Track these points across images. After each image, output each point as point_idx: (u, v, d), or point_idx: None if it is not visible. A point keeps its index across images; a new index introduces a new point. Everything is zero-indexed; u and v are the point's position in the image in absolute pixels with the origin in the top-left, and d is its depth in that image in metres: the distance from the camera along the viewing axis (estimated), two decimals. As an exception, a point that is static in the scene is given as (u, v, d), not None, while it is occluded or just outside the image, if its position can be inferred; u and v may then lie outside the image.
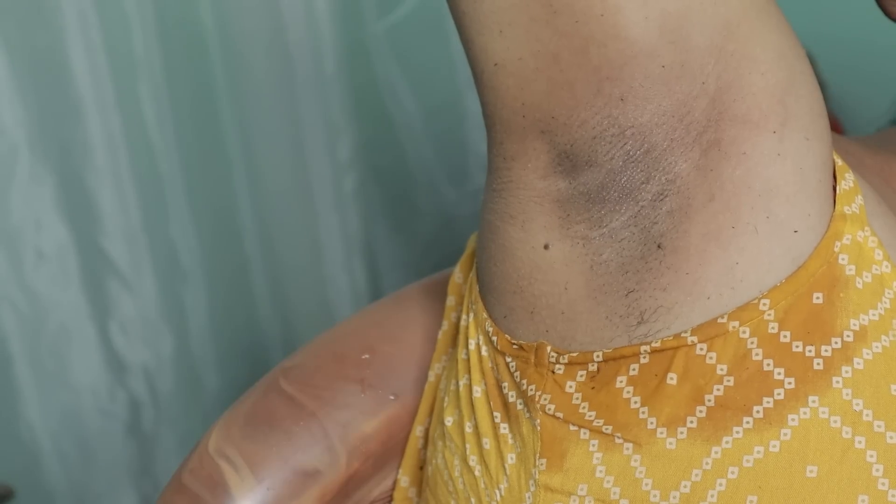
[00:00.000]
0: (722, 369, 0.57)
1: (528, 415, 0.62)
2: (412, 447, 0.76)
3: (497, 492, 0.63)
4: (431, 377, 0.75)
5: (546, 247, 0.60)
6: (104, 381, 1.33)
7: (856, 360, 0.57)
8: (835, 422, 0.56)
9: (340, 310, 1.41)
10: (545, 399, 0.61)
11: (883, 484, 0.56)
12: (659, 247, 0.57)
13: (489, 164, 0.63)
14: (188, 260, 1.34)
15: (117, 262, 1.30)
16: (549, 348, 0.61)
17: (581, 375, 0.60)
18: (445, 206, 1.43)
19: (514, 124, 0.59)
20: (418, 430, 0.75)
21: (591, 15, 0.55)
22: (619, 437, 0.58)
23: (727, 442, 0.56)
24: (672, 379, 0.57)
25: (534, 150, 0.59)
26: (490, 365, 0.65)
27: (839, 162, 0.60)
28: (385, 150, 1.40)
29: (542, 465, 0.60)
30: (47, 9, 1.21)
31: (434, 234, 1.44)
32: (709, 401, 0.57)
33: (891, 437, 0.56)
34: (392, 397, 0.75)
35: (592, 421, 0.59)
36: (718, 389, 0.57)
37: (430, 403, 0.75)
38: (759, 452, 0.56)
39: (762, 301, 0.57)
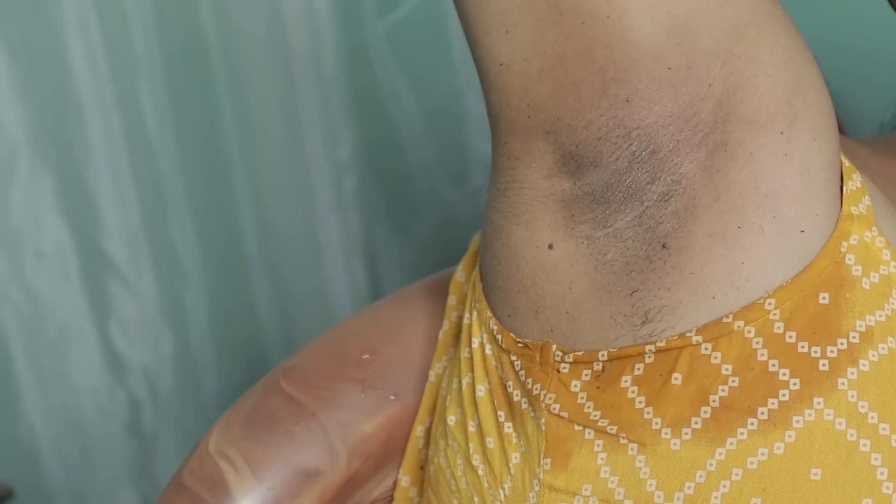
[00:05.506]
0: (727, 369, 0.57)
1: (532, 414, 0.62)
2: (413, 447, 0.75)
3: (501, 491, 0.63)
4: (432, 377, 0.75)
5: (550, 246, 0.60)
6: (104, 381, 1.33)
7: (861, 361, 0.56)
8: (840, 424, 0.56)
9: (340, 310, 1.41)
10: (550, 398, 0.61)
11: (888, 487, 0.56)
12: (664, 247, 0.58)
13: (493, 164, 0.63)
14: (188, 260, 1.34)
15: (117, 262, 1.30)
16: (554, 347, 0.61)
17: (586, 375, 0.60)
18: (445, 207, 1.43)
19: (518, 124, 0.59)
20: (419, 430, 0.75)
21: (598, 17, 0.55)
22: (623, 438, 0.58)
23: (731, 443, 0.56)
24: (677, 379, 0.58)
25: (538, 151, 0.59)
26: (494, 363, 0.65)
27: (846, 163, 0.60)
28: (385, 150, 1.40)
29: (546, 464, 0.60)
30: (47, 9, 1.21)
31: (434, 234, 1.44)
32: (713, 401, 0.57)
33: None
34: (392, 397, 0.75)
35: (597, 421, 0.59)
36: (723, 390, 0.57)
37: (431, 403, 0.75)
38: (763, 454, 0.56)
39: (768, 301, 0.57)
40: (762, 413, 0.56)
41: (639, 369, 0.58)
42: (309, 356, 0.77)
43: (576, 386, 0.60)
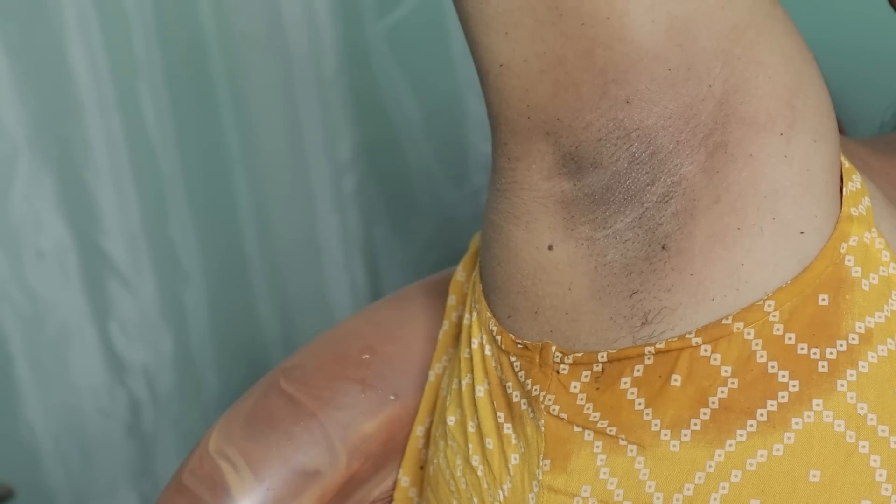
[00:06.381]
0: (726, 371, 0.57)
1: (532, 415, 0.62)
2: (412, 447, 0.75)
3: (500, 492, 0.63)
4: (432, 377, 0.75)
5: (550, 247, 0.60)
6: (104, 381, 1.33)
7: (861, 363, 0.56)
8: (839, 426, 0.56)
9: (340, 310, 1.41)
10: (549, 399, 0.61)
11: (886, 489, 0.56)
12: (663, 248, 0.57)
13: (493, 164, 0.63)
14: (188, 260, 1.34)
15: (117, 262, 1.30)
16: (553, 348, 0.61)
17: (586, 376, 0.60)
18: (445, 207, 1.43)
19: (518, 125, 0.59)
20: (419, 430, 0.75)
21: (598, 18, 0.55)
22: (623, 439, 0.58)
23: (731, 445, 0.56)
24: (676, 380, 0.57)
25: (538, 152, 0.59)
26: (494, 364, 0.65)
27: (846, 164, 0.60)
28: (385, 150, 1.40)
29: (545, 465, 0.60)
30: (47, 9, 1.21)
31: (434, 234, 1.44)
32: (713, 403, 0.57)
33: (895, 442, 0.56)
34: (392, 397, 0.75)
35: (597, 422, 0.59)
36: (722, 392, 0.57)
37: (431, 403, 0.75)
38: (762, 456, 0.56)
39: (767, 302, 0.57)
40: (761, 415, 0.56)
41: (638, 371, 0.58)
42: (309, 356, 0.77)
43: (575, 387, 0.60)
